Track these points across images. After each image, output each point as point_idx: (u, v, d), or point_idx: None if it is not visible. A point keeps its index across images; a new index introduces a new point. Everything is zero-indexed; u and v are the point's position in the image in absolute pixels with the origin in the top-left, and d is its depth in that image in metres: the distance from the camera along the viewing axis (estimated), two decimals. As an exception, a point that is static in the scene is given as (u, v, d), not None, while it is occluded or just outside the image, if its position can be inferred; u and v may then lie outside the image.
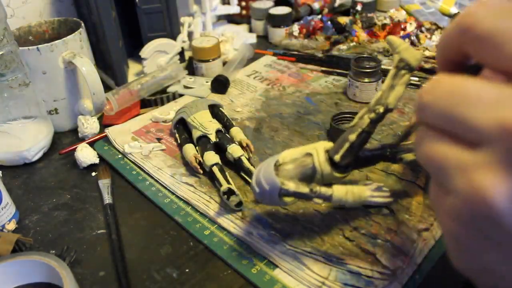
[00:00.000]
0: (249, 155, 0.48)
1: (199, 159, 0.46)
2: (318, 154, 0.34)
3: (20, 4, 0.68)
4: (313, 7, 0.86)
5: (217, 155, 0.46)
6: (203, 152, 0.47)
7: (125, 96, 0.59)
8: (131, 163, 0.51)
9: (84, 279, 0.38)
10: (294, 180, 0.33)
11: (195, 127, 0.50)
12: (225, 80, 0.63)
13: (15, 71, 0.49)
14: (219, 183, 0.43)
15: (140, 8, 0.66)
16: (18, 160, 0.53)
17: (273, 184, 0.33)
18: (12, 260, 0.36)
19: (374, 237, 0.37)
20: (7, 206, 0.43)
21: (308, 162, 0.34)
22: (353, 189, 0.33)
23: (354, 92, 0.59)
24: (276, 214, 0.41)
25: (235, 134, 0.50)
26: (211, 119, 0.51)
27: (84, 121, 0.56)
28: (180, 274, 0.37)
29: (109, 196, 0.46)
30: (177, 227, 0.42)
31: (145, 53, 0.67)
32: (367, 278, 0.34)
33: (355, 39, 0.72)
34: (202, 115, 0.51)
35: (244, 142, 0.49)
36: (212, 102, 0.54)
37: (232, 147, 0.47)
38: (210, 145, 0.47)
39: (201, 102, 0.54)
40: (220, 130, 0.50)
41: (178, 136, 0.51)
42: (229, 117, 0.53)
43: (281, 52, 0.73)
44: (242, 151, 0.47)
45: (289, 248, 0.37)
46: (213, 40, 0.66)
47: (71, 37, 0.55)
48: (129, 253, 0.40)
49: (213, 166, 0.45)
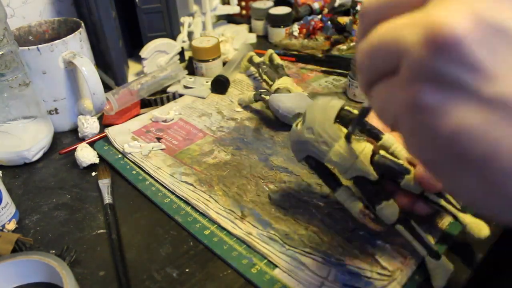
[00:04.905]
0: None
1: (369, 216, 0.35)
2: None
3: (20, 4, 0.68)
4: (313, 7, 0.86)
5: (394, 205, 0.34)
6: (374, 201, 0.34)
7: (125, 96, 0.59)
8: (131, 163, 0.51)
9: (84, 279, 0.38)
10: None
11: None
12: (225, 80, 0.63)
13: (15, 71, 0.49)
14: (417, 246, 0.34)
15: (140, 8, 0.66)
16: (18, 160, 0.53)
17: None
18: (12, 260, 0.36)
19: (373, 238, 0.37)
20: (7, 206, 0.43)
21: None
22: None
23: (354, 92, 0.59)
24: (276, 214, 0.41)
25: (392, 147, 0.34)
26: (354, 141, 0.34)
27: (84, 121, 0.56)
28: (180, 274, 0.37)
29: (109, 196, 0.46)
30: (177, 227, 0.42)
31: (145, 53, 0.67)
32: (366, 279, 0.34)
33: (355, 39, 0.72)
34: (342, 144, 0.34)
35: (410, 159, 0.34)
36: (335, 105, 0.35)
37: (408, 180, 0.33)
38: (377, 189, 0.34)
39: (323, 112, 0.35)
40: (374, 153, 0.34)
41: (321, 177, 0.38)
42: (365, 122, 0.35)
43: (281, 52, 0.73)
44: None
45: (289, 248, 0.37)
46: (213, 40, 0.66)
47: (71, 37, 0.55)
48: (129, 253, 0.40)
49: (396, 224, 0.34)
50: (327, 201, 0.42)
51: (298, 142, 0.36)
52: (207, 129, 0.55)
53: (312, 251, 0.37)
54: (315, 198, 0.42)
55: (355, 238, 0.38)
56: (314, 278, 0.34)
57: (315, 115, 0.35)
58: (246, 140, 0.53)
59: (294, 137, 0.37)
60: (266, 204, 0.42)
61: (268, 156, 0.49)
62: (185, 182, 0.46)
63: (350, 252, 0.36)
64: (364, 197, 0.35)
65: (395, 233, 0.37)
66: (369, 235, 0.38)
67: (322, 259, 0.36)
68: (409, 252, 0.36)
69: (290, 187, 0.44)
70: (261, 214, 0.41)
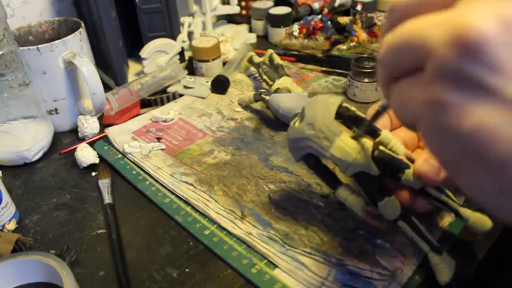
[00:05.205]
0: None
1: (372, 213, 0.36)
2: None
3: (20, 4, 0.68)
4: (313, 7, 0.86)
5: (396, 201, 0.34)
6: (376, 197, 0.34)
7: (125, 96, 0.59)
8: (131, 163, 0.51)
9: (84, 279, 0.38)
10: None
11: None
12: (225, 80, 0.63)
13: (15, 71, 0.49)
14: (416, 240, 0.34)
15: (140, 8, 0.66)
16: (18, 160, 0.53)
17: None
18: (12, 260, 0.36)
19: (374, 238, 0.37)
20: (7, 206, 0.43)
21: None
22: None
23: (354, 92, 0.59)
24: (276, 214, 0.41)
25: (390, 143, 0.34)
26: (350, 140, 0.34)
27: (84, 121, 0.56)
28: (180, 274, 0.37)
29: (109, 196, 0.46)
30: (177, 227, 0.42)
31: (145, 53, 0.67)
32: (367, 279, 0.34)
33: (355, 39, 0.72)
34: (343, 139, 0.34)
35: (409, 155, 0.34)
36: (334, 101, 0.35)
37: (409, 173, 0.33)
38: (379, 185, 0.35)
39: (323, 108, 0.35)
40: (375, 151, 0.34)
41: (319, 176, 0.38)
42: (362, 115, 0.35)
43: (281, 52, 0.73)
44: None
45: (289, 248, 0.37)
46: (213, 40, 0.66)
47: (71, 37, 0.55)
48: (129, 253, 0.40)
49: (398, 220, 0.34)
50: (327, 201, 0.42)
51: (297, 140, 0.36)
52: (207, 129, 0.55)
53: (312, 251, 0.37)
54: (315, 198, 0.42)
55: (355, 238, 0.38)
56: (314, 278, 0.34)
57: (316, 111, 0.35)
58: (246, 140, 0.53)
59: (292, 135, 0.36)
60: (266, 204, 0.42)
61: (268, 156, 0.49)
62: (185, 182, 0.46)
63: (350, 252, 0.36)
64: (365, 194, 0.35)
65: (395, 232, 0.37)
66: (369, 234, 0.38)
67: (322, 259, 0.36)
68: (409, 252, 0.36)
69: (290, 187, 0.44)
70: (261, 214, 0.41)
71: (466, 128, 0.17)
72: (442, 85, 0.18)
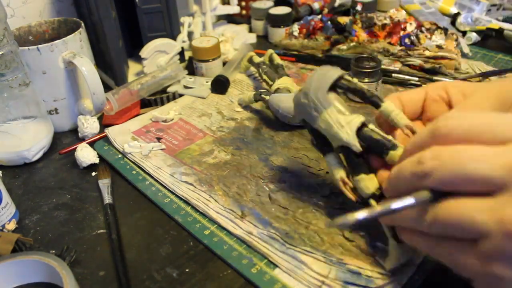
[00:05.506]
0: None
1: (349, 185, 0.36)
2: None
3: (20, 4, 0.68)
4: (313, 7, 0.86)
5: (373, 180, 0.34)
6: (354, 172, 0.35)
7: (125, 96, 0.59)
8: (131, 163, 0.51)
9: (84, 279, 0.38)
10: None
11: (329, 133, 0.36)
12: (225, 80, 0.63)
13: (15, 71, 0.49)
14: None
15: (140, 8, 0.66)
16: (18, 160, 0.53)
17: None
18: (12, 260, 0.36)
19: (374, 238, 0.37)
20: (7, 206, 0.43)
21: None
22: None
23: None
24: (276, 214, 0.41)
25: (391, 114, 0.34)
26: (347, 113, 0.35)
27: (84, 121, 0.56)
28: (180, 274, 0.37)
29: (109, 196, 0.46)
30: (177, 227, 0.42)
31: (145, 53, 0.67)
32: (367, 277, 0.34)
33: (355, 39, 0.72)
34: (330, 112, 0.35)
35: (410, 127, 0.34)
36: (332, 75, 0.36)
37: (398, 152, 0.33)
38: (359, 161, 0.35)
39: (319, 80, 0.36)
40: (363, 125, 0.34)
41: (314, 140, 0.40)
42: (363, 88, 0.36)
43: (281, 52, 0.73)
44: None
45: (289, 247, 0.37)
46: (213, 40, 0.66)
47: (71, 37, 0.55)
48: (129, 253, 0.40)
49: (370, 198, 0.34)
50: (327, 201, 0.42)
51: (296, 105, 0.38)
52: (207, 129, 0.55)
53: (312, 250, 0.37)
54: (315, 198, 0.42)
55: (355, 238, 0.37)
56: (314, 277, 0.34)
57: (312, 81, 0.36)
58: (246, 140, 0.53)
59: (294, 100, 0.38)
60: (266, 203, 0.42)
61: (268, 156, 0.49)
62: (185, 182, 0.46)
63: (351, 251, 0.36)
64: (348, 167, 0.36)
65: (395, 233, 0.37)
66: (369, 235, 0.38)
67: (322, 258, 0.36)
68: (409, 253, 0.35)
69: (290, 187, 0.44)
70: (261, 213, 0.41)
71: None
72: (496, 261, 0.23)
